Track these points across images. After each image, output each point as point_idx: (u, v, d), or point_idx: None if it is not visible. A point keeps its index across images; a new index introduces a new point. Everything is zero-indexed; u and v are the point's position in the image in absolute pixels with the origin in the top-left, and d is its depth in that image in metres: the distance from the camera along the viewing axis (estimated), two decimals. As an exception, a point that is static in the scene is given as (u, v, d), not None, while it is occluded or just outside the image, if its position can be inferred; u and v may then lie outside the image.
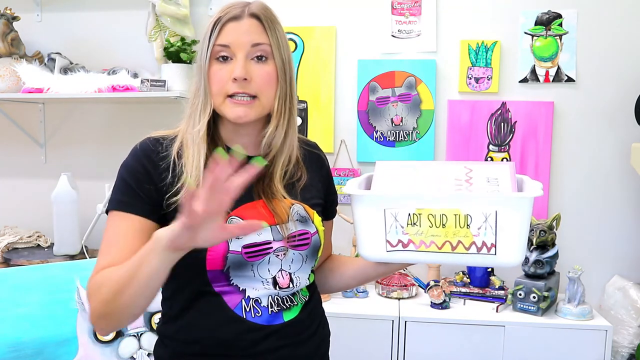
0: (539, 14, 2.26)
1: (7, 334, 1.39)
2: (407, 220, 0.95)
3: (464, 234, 0.93)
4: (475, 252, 0.94)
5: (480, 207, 0.92)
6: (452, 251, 0.94)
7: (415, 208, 0.94)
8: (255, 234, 0.96)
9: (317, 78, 2.40)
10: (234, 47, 0.96)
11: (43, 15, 2.55)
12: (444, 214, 0.93)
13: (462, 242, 0.94)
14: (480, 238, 0.93)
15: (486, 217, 0.91)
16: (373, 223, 0.97)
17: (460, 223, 0.93)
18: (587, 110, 2.27)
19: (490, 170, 1.01)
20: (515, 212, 0.91)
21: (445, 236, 0.94)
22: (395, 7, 2.34)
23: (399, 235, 0.96)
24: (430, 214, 0.94)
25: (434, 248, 0.95)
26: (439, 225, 0.94)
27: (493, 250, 0.93)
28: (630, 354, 2.10)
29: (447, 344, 2.00)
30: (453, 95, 2.34)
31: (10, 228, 2.49)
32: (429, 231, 0.94)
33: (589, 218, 2.29)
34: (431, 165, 1.05)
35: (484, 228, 0.92)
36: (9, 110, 2.52)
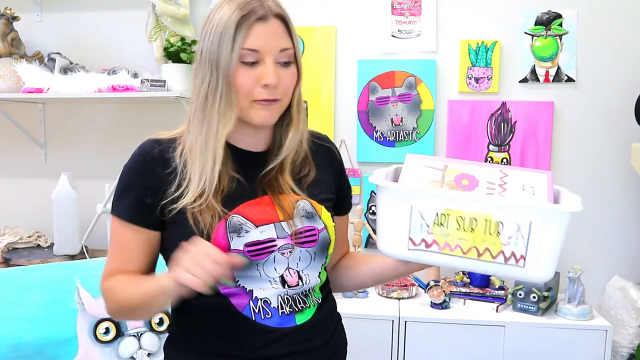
0: (539, 14, 2.26)
1: (7, 334, 1.39)
2: (434, 219, 0.90)
3: (493, 242, 0.88)
4: (502, 261, 0.88)
5: (514, 215, 0.86)
6: (478, 258, 0.89)
7: (444, 208, 0.89)
8: (258, 232, 0.94)
9: (317, 78, 2.40)
10: (263, 52, 0.93)
11: (43, 15, 2.55)
12: (475, 217, 0.88)
13: (489, 250, 0.88)
14: (510, 248, 0.87)
15: (519, 227, 0.86)
16: (397, 218, 0.91)
17: (491, 229, 0.88)
18: (587, 110, 2.27)
19: (527, 177, 0.95)
20: (551, 225, 0.86)
21: (473, 241, 0.89)
22: (395, 7, 2.34)
23: (423, 234, 0.91)
24: (459, 216, 0.88)
25: (458, 252, 0.90)
26: (467, 229, 0.89)
27: (522, 262, 0.88)
28: (630, 354, 2.10)
29: (447, 344, 2.00)
30: (453, 95, 2.34)
31: (10, 228, 2.49)
32: (456, 234, 0.89)
33: (589, 218, 2.29)
34: (464, 165, 0.99)
35: (515, 238, 0.87)
36: (9, 110, 2.52)
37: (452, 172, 0.96)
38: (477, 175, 0.95)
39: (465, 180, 0.95)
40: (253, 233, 0.93)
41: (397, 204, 0.91)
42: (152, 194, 0.94)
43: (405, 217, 0.91)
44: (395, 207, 0.91)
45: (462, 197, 0.89)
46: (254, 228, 0.93)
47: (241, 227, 0.93)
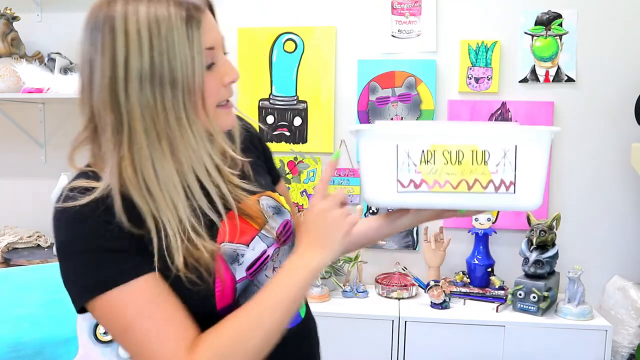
0: (539, 14, 2.26)
1: (7, 334, 1.39)
2: (420, 157, 0.89)
3: (482, 171, 0.88)
4: (493, 191, 0.89)
5: (499, 141, 0.87)
6: (469, 191, 0.89)
7: (429, 144, 0.88)
8: (251, 250, 0.83)
9: (317, 78, 2.40)
10: (218, 48, 0.79)
11: (43, 15, 2.55)
12: (461, 150, 0.88)
13: (479, 181, 0.89)
14: (499, 175, 0.88)
15: (505, 153, 0.87)
16: (383, 161, 0.90)
17: (478, 159, 0.88)
18: (587, 110, 2.27)
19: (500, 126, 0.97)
20: (536, 147, 0.87)
21: (462, 174, 0.89)
22: (395, 7, 2.34)
23: (411, 174, 0.89)
24: (445, 150, 0.88)
25: (448, 188, 0.89)
26: (454, 162, 0.88)
27: (512, 188, 0.88)
28: (630, 354, 2.10)
29: (447, 344, 2.00)
30: (453, 95, 2.34)
31: (10, 228, 2.49)
32: (444, 169, 0.89)
33: (589, 218, 2.29)
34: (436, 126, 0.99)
35: (502, 164, 0.88)
36: (9, 110, 2.52)
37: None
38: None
39: None
40: (248, 254, 0.83)
41: (382, 146, 0.89)
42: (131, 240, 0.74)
43: (391, 158, 0.89)
44: (381, 150, 0.89)
45: (447, 129, 0.89)
46: (246, 249, 0.83)
47: (236, 253, 0.81)
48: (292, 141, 2.43)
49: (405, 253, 2.40)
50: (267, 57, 2.41)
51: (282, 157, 2.41)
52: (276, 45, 2.40)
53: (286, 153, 2.41)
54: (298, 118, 2.42)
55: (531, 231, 2.09)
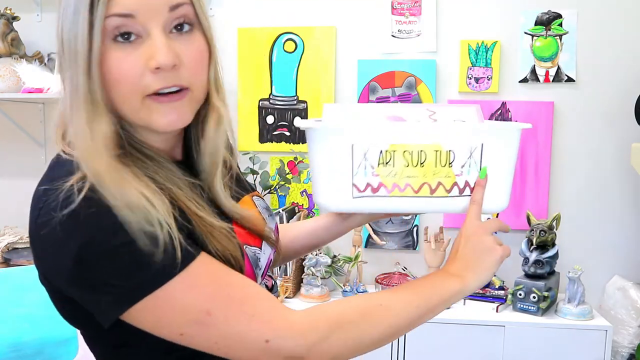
0: (539, 14, 2.26)
1: (7, 334, 1.39)
2: (378, 159, 0.80)
3: (445, 174, 0.81)
4: (457, 194, 0.82)
5: (465, 140, 0.80)
6: (431, 195, 0.81)
7: (388, 144, 0.79)
8: (263, 253, 0.76)
9: (317, 78, 2.40)
10: (143, 18, 0.61)
11: (43, 15, 2.55)
12: (423, 150, 0.80)
13: (442, 184, 0.81)
14: (463, 178, 0.81)
15: (471, 153, 0.80)
16: (337, 163, 0.80)
17: (442, 161, 0.81)
18: (587, 110, 2.27)
19: (455, 111, 0.88)
20: (505, 145, 0.81)
21: (424, 177, 0.81)
22: (395, 7, 2.34)
23: (368, 178, 0.80)
24: (406, 151, 0.80)
25: (409, 192, 0.81)
26: (416, 164, 0.80)
27: None
28: (630, 354, 2.10)
29: (447, 344, 2.00)
30: (453, 95, 2.34)
31: (10, 228, 2.49)
32: (405, 171, 0.80)
33: (589, 218, 2.29)
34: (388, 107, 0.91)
35: (467, 165, 0.81)
36: (9, 110, 2.52)
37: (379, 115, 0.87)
38: (404, 115, 0.86)
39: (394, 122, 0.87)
40: (262, 258, 0.76)
41: (335, 146, 0.79)
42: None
43: (346, 160, 0.79)
44: (334, 151, 0.79)
45: (408, 127, 0.80)
46: (260, 252, 0.76)
47: (255, 257, 0.74)
48: (292, 141, 2.43)
49: (405, 253, 2.40)
50: (267, 57, 2.41)
51: (282, 157, 2.41)
52: (276, 45, 2.40)
53: (286, 153, 2.41)
54: (298, 118, 2.42)
55: (531, 231, 2.09)
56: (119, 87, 0.62)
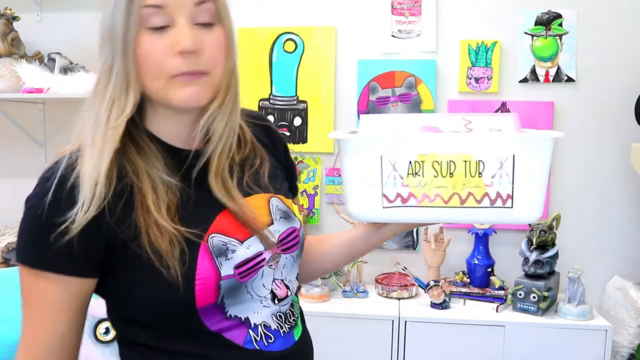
0: (539, 14, 2.26)
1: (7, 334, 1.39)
2: (407, 169, 0.80)
3: (476, 184, 0.79)
4: (488, 205, 0.80)
5: (495, 150, 0.78)
6: (461, 205, 0.80)
7: (417, 154, 0.79)
8: (244, 248, 0.78)
9: (317, 78, 2.40)
10: (172, 9, 0.71)
11: (43, 15, 2.55)
12: (452, 160, 0.79)
13: (473, 194, 0.80)
14: (495, 188, 0.79)
15: (502, 163, 0.78)
16: (367, 174, 0.81)
17: (471, 171, 0.79)
18: (587, 110, 2.27)
19: (492, 121, 0.86)
20: (536, 155, 0.79)
21: (454, 187, 0.80)
22: (395, 7, 2.34)
23: (397, 188, 0.81)
24: (435, 161, 0.79)
25: (439, 202, 0.80)
26: (445, 175, 0.80)
27: (509, 202, 0.80)
28: (630, 354, 2.10)
29: (447, 344, 2.00)
30: (453, 95, 2.34)
31: (10, 228, 2.49)
32: (434, 182, 0.80)
33: (589, 218, 2.29)
34: (424, 117, 0.90)
35: (498, 176, 0.79)
36: (9, 110, 2.52)
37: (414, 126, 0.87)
38: (440, 126, 0.86)
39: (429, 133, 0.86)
40: (240, 251, 0.77)
41: (364, 157, 0.80)
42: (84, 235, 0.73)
43: (375, 171, 0.80)
44: (363, 162, 0.80)
45: (436, 138, 0.79)
46: (239, 245, 0.78)
47: (226, 247, 0.76)
48: (292, 141, 2.43)
49: (405, 253, 2.40)
50: (267, 57, 2.41)
51: (282, 157, 2.41)
52: (276, 45, 2.40)
53: (286, 153, 2.41)
54: (298, 118, 2.42)
55: (531, 231, 2.09)
56: (149, 67, 0.72)
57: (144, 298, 0.74)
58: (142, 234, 0.73)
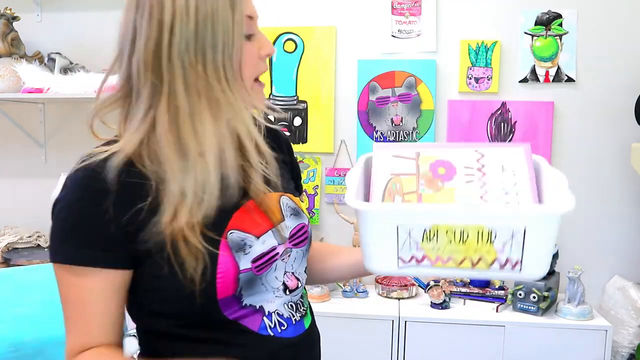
0: (539, 14, 2.26)
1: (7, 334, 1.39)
2: (422, 236, 0.84)
3: (487, 250, 0.83)
4: (497, 268, 0.84)
5: (507, 223, 0.81)
6: (472, 267, 0.85)
7: (432, 224, 0.83)
8: (260, 243, 0.83)
9: (317, 78, 2.40)
10: (255, 20, 0.83)
11: (43, 15, 2.55)
12: (465, 229, 0.83)
13: (483, 259, 0.84)
14: (505, 254, 0.83)
15: (513, 234, 0.82)
16: (383, 239, 0.85)
17: (483, 239, 0.83)
18: (587, 110, 2.27)
19: (504, 155, 0.89)
20: (546, 227, 0.82)
21: (466, 252, 0.84)
22: (395, 7, 2.34)
23: (412, 252, 0.85)
24: (449, 230, 0.83)
25: (451, 264, 0.85)
26: (458, 242, 0.84)
27: (518, 267, 0.84)
28: (630, 354, 2.10)
29: (447, 344, 2.00)
30: (453, 95, 2.34)
31: (10, 228, 2.49)
32: (448, 247, 0.84)
33: (589, 218, 2.29)
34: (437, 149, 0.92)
35: (509, 245, 0.82)
36: (9, 110, 2.52)
37: (426, 160, 0.91)
38: (453, 161, 0.89)
39: (441, 168, 0.89)
40: (256, 246, 0.83)
41: (381, 226, 0.84)
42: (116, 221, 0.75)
43: (392, 237, 0.84)
44: (380, 230, 0.84)
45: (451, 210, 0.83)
46: (255, 240, 0.83)
47: (244, 242, 0.81)
48: (292, 141, 2.42)
49: (405, 253, 2.39)
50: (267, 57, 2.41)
51: (282, 157, 2.41)
52: (276, 45, 2.40)
53: (286, 153, 2.41)
54: (298, 118, 2.42)
55: (531, 231, 2.09)
56: (244, 72, 0.80)
57: (169, 291, 0.77)
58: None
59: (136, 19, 0.78)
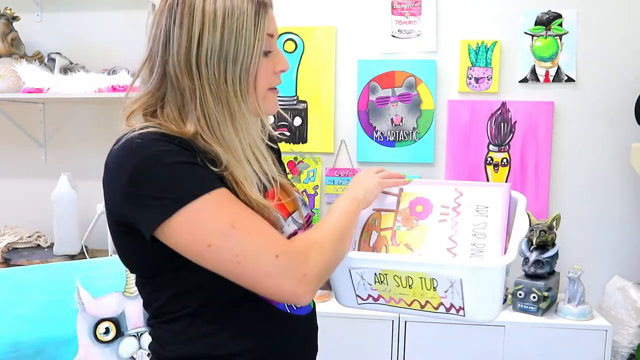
0: (539, 14, 2.26)
1: (7, 334, 1.39)
2: (374, 278, 0.91)
3: (432, 295, 0.90)
4: (444, 311, 0.91)
5: (444, 272, 0.87)
6: (421, 309, 0.92)
7: (380, 269, 0.90)
8: (287, 225, 0.91)
9: (317, 78, 2.40)
10: (275, 37, 0.90)
11: (43, 15, 2.55)
12: (410, 276, 0.89)
13: (430, 302, 0.91)
14: (448, 300, 0.89)
15: (452, 283, 0.87)
16: (341, 279, 0.94)
17: (427, 285, 0.89)
18: (587, 110, 2.27)
19: (482, 195, 0.96)
20: (485, 279, 0.87)
21: (413, 296, 0.91)
22: (395, 7, 2.34)
23: (368, 291, 0.93)
24: (395, 275, 0.89)
25: (403, 305, 0.93)
26: (405, 286, 0.90)
27: (462, 312, 0.90)
28: (630, 354, 2.10)
29: (447, 344, 2.00)
30: (453, 95, 2.34)
31: (10, 228, 2.49)
32: (397, 290, 0.91)
33: (589, 218, 2.29)
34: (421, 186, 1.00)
35: (450, 292, 0.88)
36: (9, 110, 2.52)
37: (407, 198, 0.99)
38: (431, 199, 0.97)
39: (419, 206, 0.97)
40: (285, 228, 0.90)
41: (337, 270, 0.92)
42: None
43: (347, 279, 0.93)
44: (337, 271, 0.92)
45: (392, 259, 0.91)
46: (284, 222, 0.90)
47: (279, 222, 0.88)
48: (292, 141, 2.43)
49: (405, 253, 2.40)
50: (267, 57, 2.41)
51: (282, 157, 2.41)
52: (276, 45, 2.40)
53: (286, 153, 2.41)
54: (298, 118, 2.42)
55: (531, 231, 2.09)
56: (258, 85, 0.87)
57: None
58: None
59: (168, 24, 0.84)
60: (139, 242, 0.81)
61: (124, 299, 1.55)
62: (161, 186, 0.77)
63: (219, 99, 0.83)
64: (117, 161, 0.80)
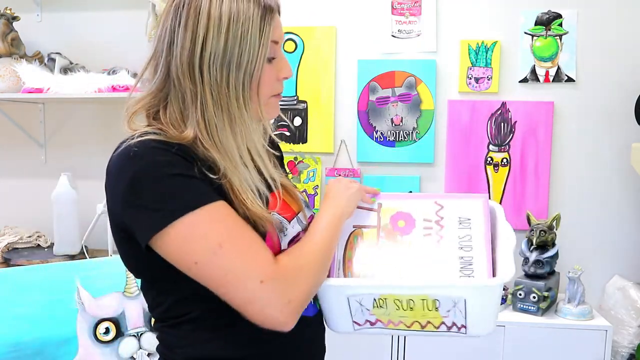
0: (539, 14, 2.26)
1: (7, 334, 1.39)
2: (372, 304, 0.90)
3: (433, 316, 0.90)
4: (445, 330, 0.91)
5: (449, 294, 0.88)
6: (422, 329, 0.92)
7: (379, 294, 0.89)
8: (291, 227, 0.91)
9: (317, 78, 2.40)
10: (279, 45, 0.89)
11: (43, 15, 2.55)
12: (411, 299, 0.89)
13: (431, 322, 0.91)
14: (450, 319, 0.90)
15: (455, 303, 0.88)
16: (338, 307, 0.92)
17: (429, 306, 0.89)
18: (587, 110, 2.27)
19: (462, 207, 0.96)
20: (486, 296, 0.89)
21: (414, 317, 0.90)
22: (395, 7, 2.34)
23: (365, 316, 0.92)
24: (396, 299, 0.89)
25: (402, 327, 0.92)
26: (406, 308, 0.90)
27: (463, 330, 0.91)
28: (630, 354, 2.10)
29: (447, 344, 2.00)
30: (453, 95, 2.34)
31: (10, 228, 2.49)
32: (397, 313, 0.90)
33: (589, 218, 2.29)
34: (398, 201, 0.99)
35: (453, 312, 0.89)
36: (9, 110, 2.52)
37: (387, 213, 0.97)
38: (413, 213, 0.96)
39: (401, 221, 0.96)
40: (289, 229, 0.90)
41: (334, 298, 0.91)
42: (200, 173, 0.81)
43: (344, 306, 0.92)
44: (334, 301, 0.91)
45: (395, 284, 0.90)
46: (288, 224, 0.91)
47: (282, 225, 0.89)
48: (292, 141, 2.43)
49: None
50: (267, 57, 2.41)
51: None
52: (276, 45, 2.40)
53: (286, 153, 2.41)
54: (298, 118, 2.42)
55: (531, 231, 2.09)
56: (261, 91, 0.86)
57: None
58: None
59: (173, 25, 0.83)
60: (137, 250, 0.81)
61: (124, 299, 1.55)
62: (156, 197, 0.77)
63: (220, 103, 0.82)
64: (118, 166, 0.81)
